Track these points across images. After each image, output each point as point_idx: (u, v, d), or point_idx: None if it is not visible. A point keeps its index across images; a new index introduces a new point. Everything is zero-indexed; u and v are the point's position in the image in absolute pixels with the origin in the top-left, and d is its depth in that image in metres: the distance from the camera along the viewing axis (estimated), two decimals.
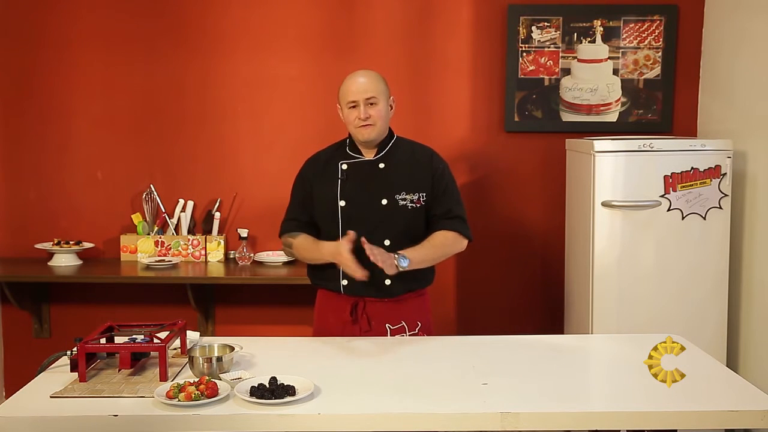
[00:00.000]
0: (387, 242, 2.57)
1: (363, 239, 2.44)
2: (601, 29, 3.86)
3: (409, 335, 2.67)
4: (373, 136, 2.60)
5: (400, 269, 2.46)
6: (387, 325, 2.65)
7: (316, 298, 2.79)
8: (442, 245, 2.63)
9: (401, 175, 2.63)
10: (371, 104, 2.56)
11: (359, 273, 2.42)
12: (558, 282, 3.94)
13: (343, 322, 2.66)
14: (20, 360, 4.00)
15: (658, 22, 3.86)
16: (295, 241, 2.69)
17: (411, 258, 2.50)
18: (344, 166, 2.65)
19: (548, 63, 3.88)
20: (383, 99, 2.59)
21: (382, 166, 2.64)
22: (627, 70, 3.89)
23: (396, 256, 2.47)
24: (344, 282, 2.63)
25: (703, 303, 3.41)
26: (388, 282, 2.59)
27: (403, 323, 2.67)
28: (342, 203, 2.62)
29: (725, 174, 3.36)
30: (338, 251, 2.46)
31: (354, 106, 2.58)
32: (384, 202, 2.60)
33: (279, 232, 2.77)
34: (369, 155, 2.66)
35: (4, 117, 3.95)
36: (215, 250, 3.90)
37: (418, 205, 2.61)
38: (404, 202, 2.60)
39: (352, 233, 2.47)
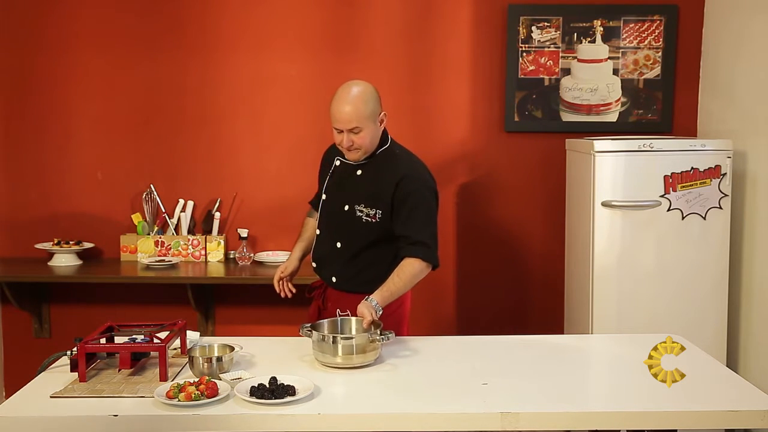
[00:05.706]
0: (339, 245, 2.67)
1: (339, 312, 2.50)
2: (601, 29, 3.86)
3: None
4: (357, 157, 2.62)
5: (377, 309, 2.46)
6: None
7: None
8: (406, 273, 2.55)
9: (367, 188, 2.63)
10: (356, 132, 2.54)
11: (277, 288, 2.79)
12: (558, 282, 3.94)
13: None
14: (20, 360, 4.00)
15: (658, 22, 3.86)
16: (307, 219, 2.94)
17: (379, 299, 2.47)
18: (337, 163, 2.74)
19: (548, 63, 3.88)
20: (369, 123, 2.55)
21: (359, 173, 2.66)
22: (627, 70, 3.89)
23: (368, 298, 2.47)
24: (334, 279, 2.73)
25: (703, 303, 3.41)
26: (334, 279, 2.72)
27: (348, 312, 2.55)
28: (324, 197, 2.76)
29: (725, 174, 3.36)
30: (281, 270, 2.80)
31: (340, 131, 2.56)
32: (345, 208, 2.64)
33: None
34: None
35: (4, 117, 3.94)
36: (215, 250, 3.90)
37: (373, 221, 2.60)
38: (360, 214, 2.61)
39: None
